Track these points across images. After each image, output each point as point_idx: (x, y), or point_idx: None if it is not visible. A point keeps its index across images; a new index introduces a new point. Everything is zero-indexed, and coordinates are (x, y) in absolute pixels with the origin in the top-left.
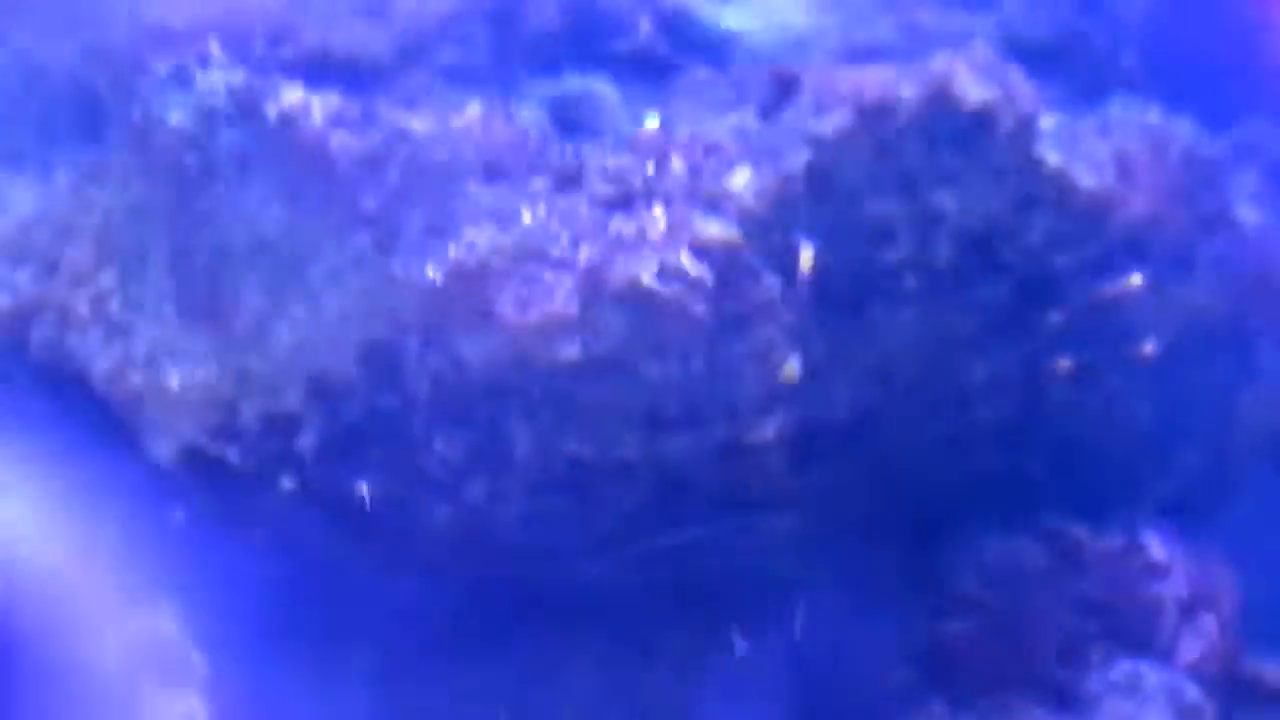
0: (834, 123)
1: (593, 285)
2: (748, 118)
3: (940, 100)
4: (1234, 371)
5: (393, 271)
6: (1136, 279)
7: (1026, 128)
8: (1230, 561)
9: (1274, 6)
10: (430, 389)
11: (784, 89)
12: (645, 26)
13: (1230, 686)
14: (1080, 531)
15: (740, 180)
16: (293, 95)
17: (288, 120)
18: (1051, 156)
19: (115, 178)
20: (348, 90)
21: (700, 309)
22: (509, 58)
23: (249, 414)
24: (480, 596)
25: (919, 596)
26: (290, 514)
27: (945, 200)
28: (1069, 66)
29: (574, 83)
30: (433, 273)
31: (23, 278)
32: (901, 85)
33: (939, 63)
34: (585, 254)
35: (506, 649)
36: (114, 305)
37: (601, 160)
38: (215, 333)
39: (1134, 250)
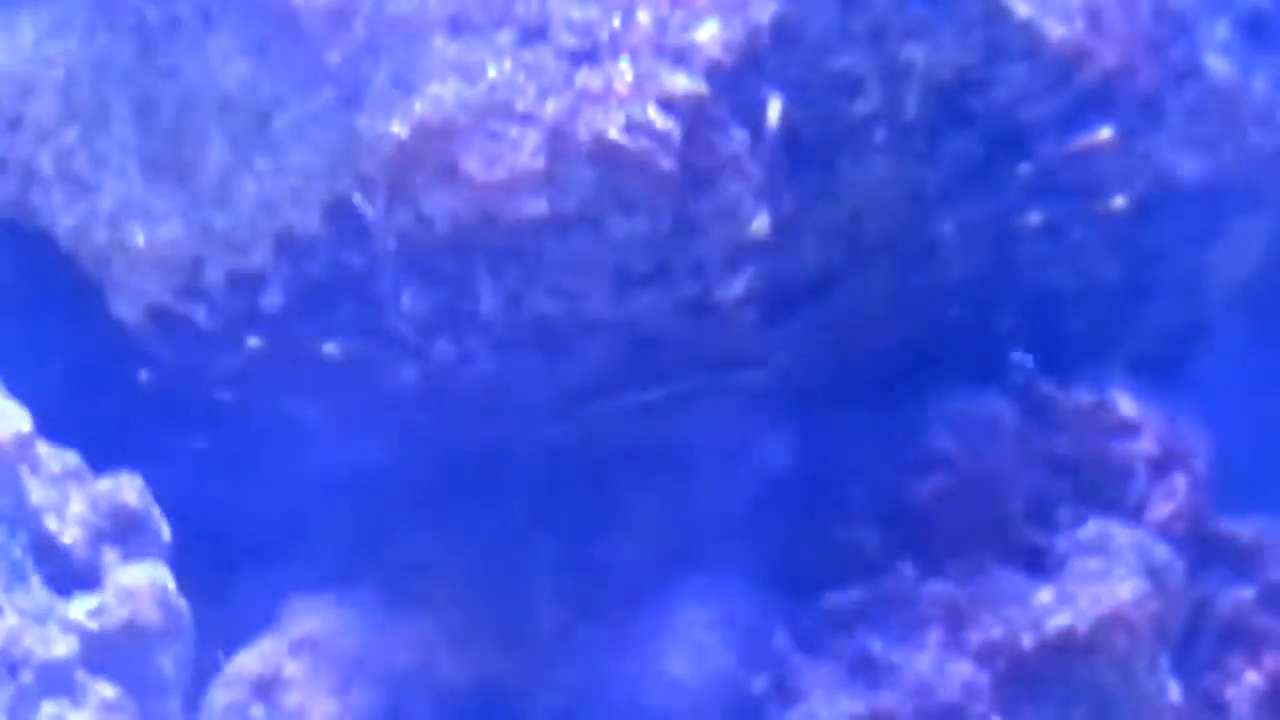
0: None
1: (559, 140)
2: None
3: None
4: (1204, 225)
5: (358, 127)
6: (1107, 132)
7: None
8: (1201, 418)
9: None
10: (396, 246)
11: None
12: None
13: (1201, 545)
14: (1050, 388)
15: (707, 33)
16: None
17: None
18: (1020, 7)
19: (78, 31)
20: None
21: (667, 163)
22: None
23: (214, 272)
24: (446, 459)
25: (888, 455)
26: (257, 373)
27: (914, 52)
28: None
29: None
30: (398, 128)
31: None
32: None
33: None
34: (551, 108)
35: (472, 513)
36: (78, 162)
37: (567, 13)
38: (180, 190)
39: (1104, 103)
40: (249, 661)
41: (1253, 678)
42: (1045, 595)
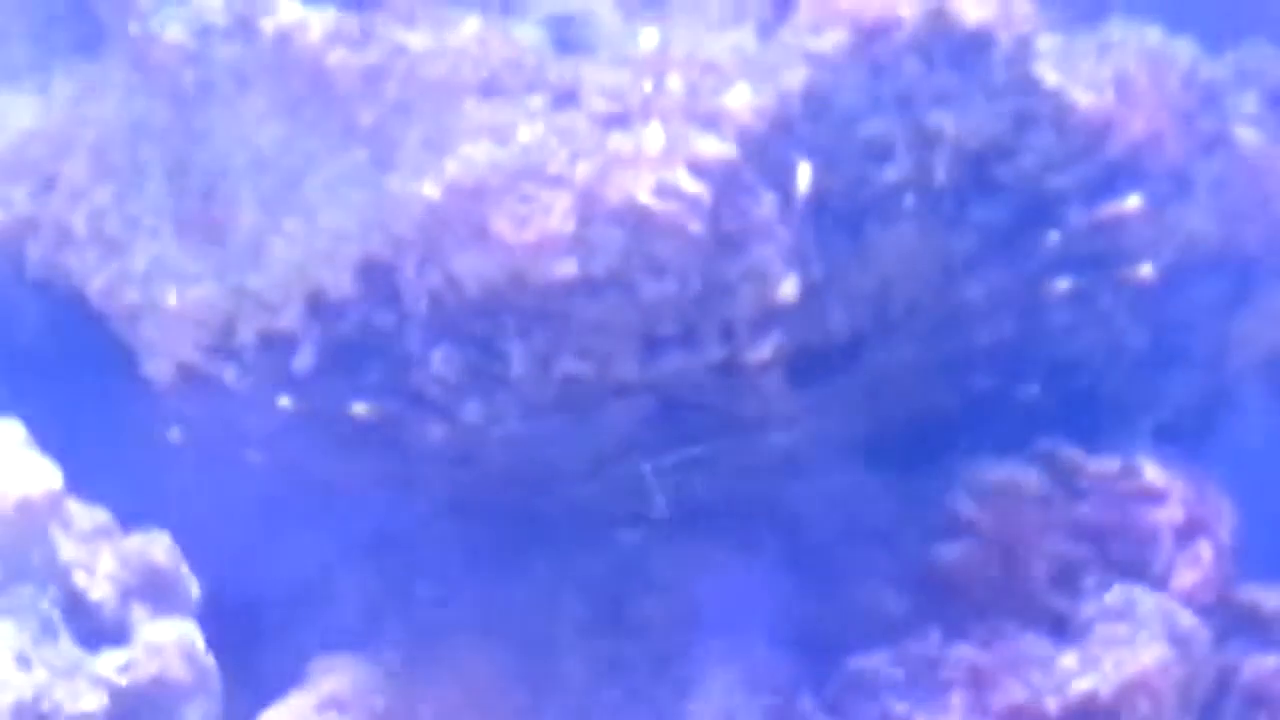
0: (832, 41)
1: (590, 203)
2: (745, 36)
3: (938, 19)
4: (1230, 295)
5: (390, 188)
6: (1134, 200)
7: (1024, 47)
8: (1226, 487)
9: None
10: (427, 307)
11: (781, 7)
12: None
13: (1225, 613)
14: (1076, 455)
15: (738, 98)
16: (290, 11)
17: (285, 36)
18: (1049, 76)
19: (112, 93)
20: (345, 6)
21: (697, 227)
22: None
23: (246, 332)
24: (475, 518)
25: (914, 520)
26: (286, 433)
27: (943, 120)
28: None
29: (572, 0)
30: (429, 190)
31: (19, 194)
32: (899, 4)
33: None
34: (582, 171)
35: (501, 572)
36: (111, 221)
37: (599, 78)
38: (212, 250)
39: (1132, 172)
40: (277, 719)
41: None
42: (1069, 659)
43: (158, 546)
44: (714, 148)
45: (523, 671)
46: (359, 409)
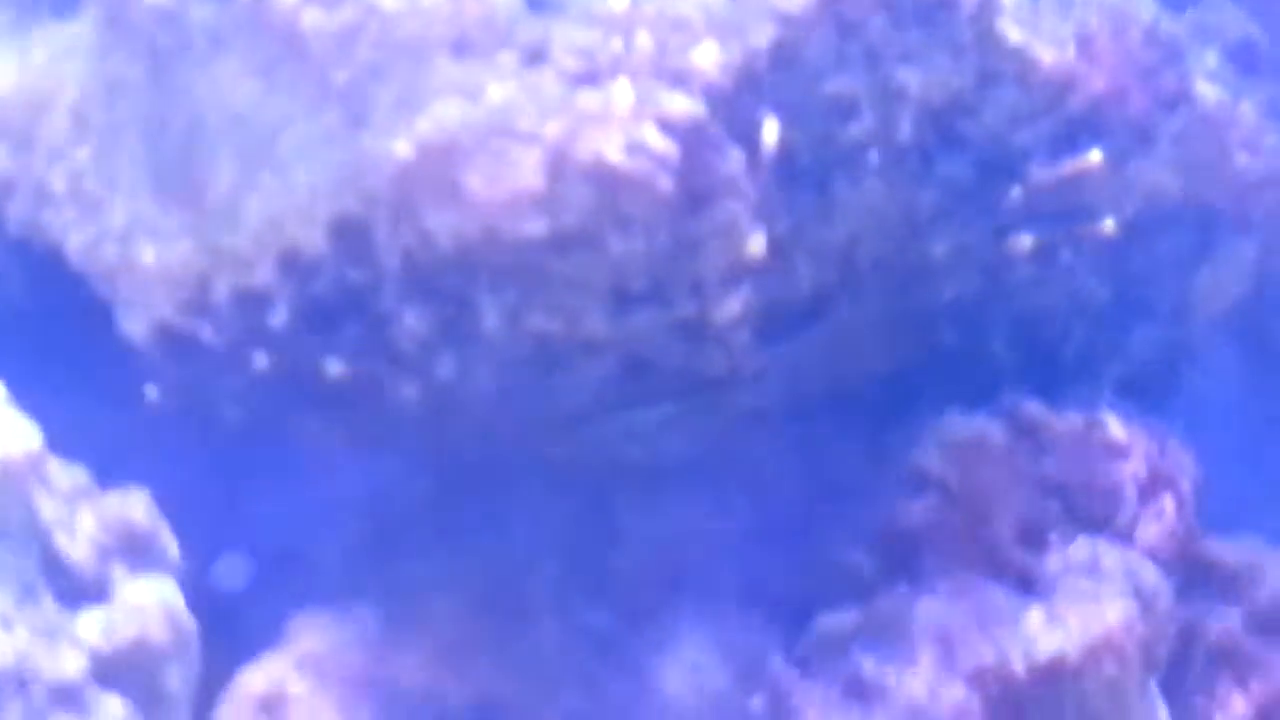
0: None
1: (559, 160)
2: None
3: None
4: (1192, 249)
5: (363, 147)
6: (1096, 156)
7: (988, 4)
8: (1188, 441)
9: None
10: (400, 264)
11: None
12: None
13: (1188, 568)
14: (1040, 410)
15: (706, 55)
16: None
17: None
18: (1012, 32)
19: (91, 53)
20: None
21: (666, 184)
22: None
23: (221, 289)
24: (448, 477)
25: (882, 476)
26: (262, 390)
27: (908, 76)
28: None
29: None
30: (402, 148)
31: None
32: None
33: None
34: (552, 129)
35: (474, 532)
36: (89, 180)
37: (569, 36)
38: (188, 208)
39: (1094, 128)
40: (254, 679)
41: (1239, 703)
42: (1035, 617)
43: (137, 506)
44: (682, 105)
45: (498, 630)
46: (333, 366)
